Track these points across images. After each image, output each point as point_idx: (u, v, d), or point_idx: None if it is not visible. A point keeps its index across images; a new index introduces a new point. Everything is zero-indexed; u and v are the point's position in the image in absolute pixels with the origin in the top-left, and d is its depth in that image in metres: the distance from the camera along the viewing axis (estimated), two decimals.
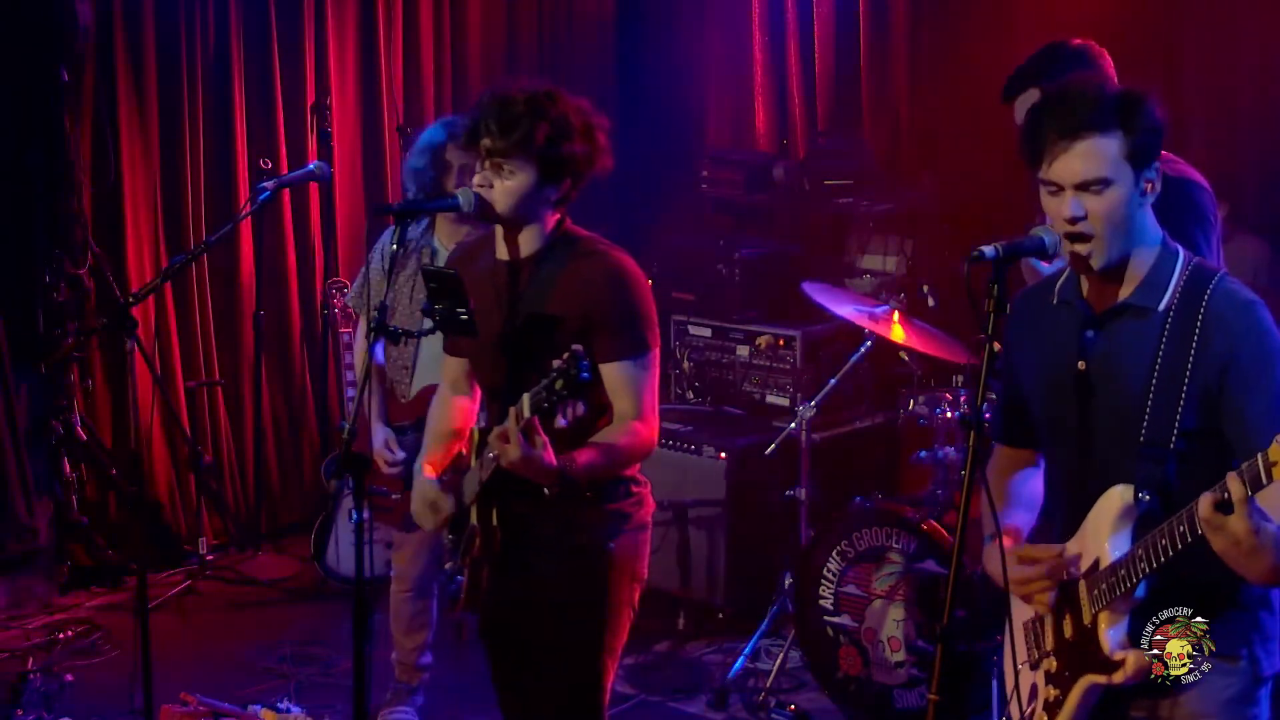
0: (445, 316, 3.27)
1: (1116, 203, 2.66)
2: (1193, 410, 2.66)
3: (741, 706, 5.08)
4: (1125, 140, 2.65)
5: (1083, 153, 2.65)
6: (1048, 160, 2.68)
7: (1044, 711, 2.87)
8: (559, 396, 2.98)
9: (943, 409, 5.06)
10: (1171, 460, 2.68)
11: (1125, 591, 2.68)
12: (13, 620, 5.82)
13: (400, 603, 4.81)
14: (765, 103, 7.37)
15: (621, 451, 3.30)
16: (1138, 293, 2.74)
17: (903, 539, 4.81)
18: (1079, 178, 2.65)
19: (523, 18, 7.80)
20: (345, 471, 3.16)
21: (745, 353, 6.13)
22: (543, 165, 3.26)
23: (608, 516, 3.38)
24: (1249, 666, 2.76)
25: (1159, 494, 2.69)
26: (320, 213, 7.10)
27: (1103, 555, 2.74)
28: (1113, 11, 5.98)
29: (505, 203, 3.29)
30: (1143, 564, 2.63)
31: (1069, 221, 2.68)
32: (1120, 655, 2.70)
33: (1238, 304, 2.68)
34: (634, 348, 3.31)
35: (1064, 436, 2.85)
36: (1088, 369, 2.78)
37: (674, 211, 7.38)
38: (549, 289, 3.31)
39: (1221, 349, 2.64)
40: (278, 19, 6.86)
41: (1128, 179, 2.67)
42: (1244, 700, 2.77)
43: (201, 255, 6.24)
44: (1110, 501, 2.74)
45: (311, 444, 7.12)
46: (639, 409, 3.31)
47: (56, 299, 6.16)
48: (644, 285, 3.36)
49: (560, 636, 3.40)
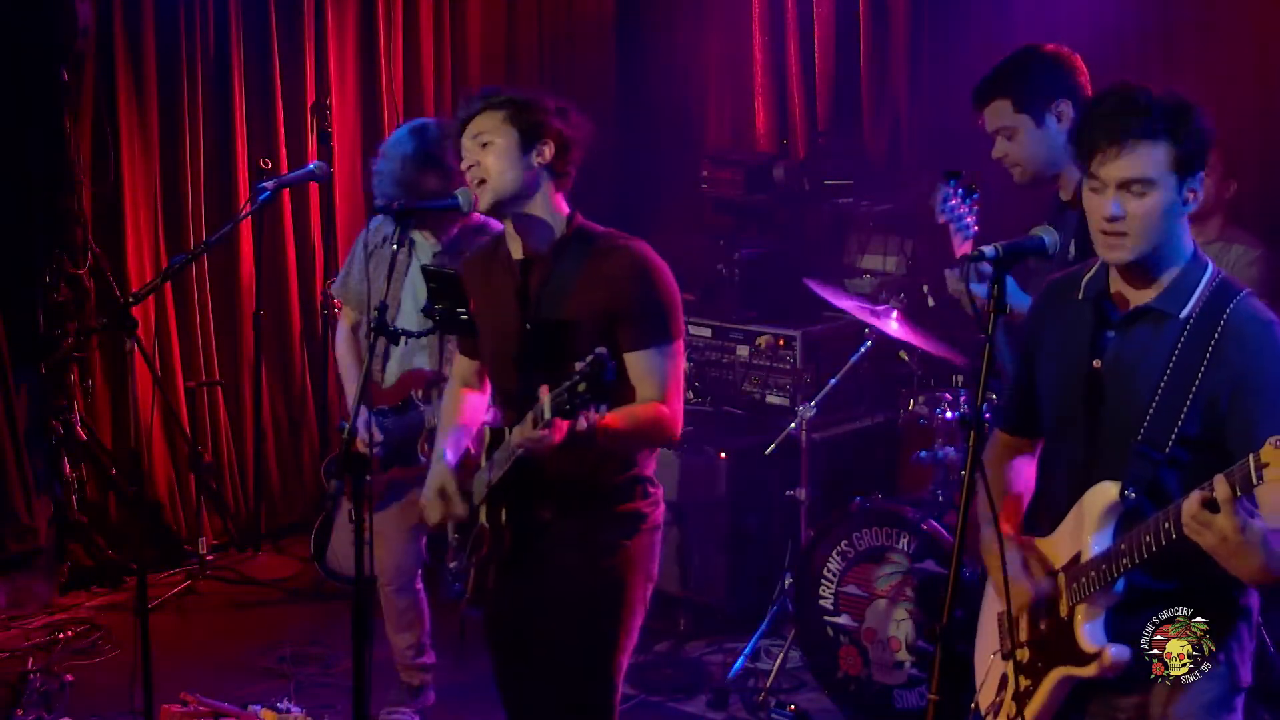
0: (445, 316, 3.27)
1: (1156, 206, 2.70)
2: (1195, 419, 2.68)
3: (741, 706, 5.08)
4: (1172, 148, 2.69)
5: (1129, 158, 2.69)
6: (1097, 160, 2.72)
7: (1013, 701, 2.89)
8: (582, 399, 2.96)
9: (943, 409, 5.06)
10: (1165, 464, 2.70)
11: (1104, 586, 2.72)
12: (13, 620, 5.82)
13: (384, 599, 4.80)
14: (765, 103, 7.37)
15: (645, 422, 3.27)
16: (1161, 298, 2.77)
17: (903, 539, 4.81)
18: (1123, 176, 2.69)
19: (523, 18, 7.79)
20: (345, 471, 3.16)
21: (745, 353, 6.12)
22: (518, 123, 3.28)
23: (625, 516, 3.40)
24: (1228, 672, 2.79)
25: (1147, 494, 2.71)
26: (320, 213, 7.10)
27: (1084, 549, 2.77)
28: (1112, 11, 5.98)
29: (496, 171, 3.29)
30: (1124, 559, 2.67)
31: (1107, 219, 2.71)
32: (1095, 649, 2.73)
33: (1258, 322, 2.72)
34: (659, 336, 3.31)
35: (1071, 431, 2.87)
36: (1102, 368, 2.81)
37: (674, 211, 7.38)
38: (568, 289, 3.30)
39: (1236, 364, 2.67)
40: (278, 19, 6.86)
41: (1171, 185, 2.70)
42: (1223, 705, 2.79)
43: (201, 255, 6.24)
44: (1095, 497, 2.77)
45: (311, 444, 7.12)
46: (664, 395, 3.30)
47: (56, 299, 6.16)
48: (668, 275, 3.36)
49: (576, 636, 3.40)
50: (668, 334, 3.32)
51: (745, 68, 7.40)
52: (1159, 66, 5.87)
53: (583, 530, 3.37)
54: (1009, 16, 6.29)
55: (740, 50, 7.43)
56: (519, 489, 3.32)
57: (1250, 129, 5.70)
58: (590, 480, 3.35)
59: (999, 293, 2.70)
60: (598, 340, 3.15)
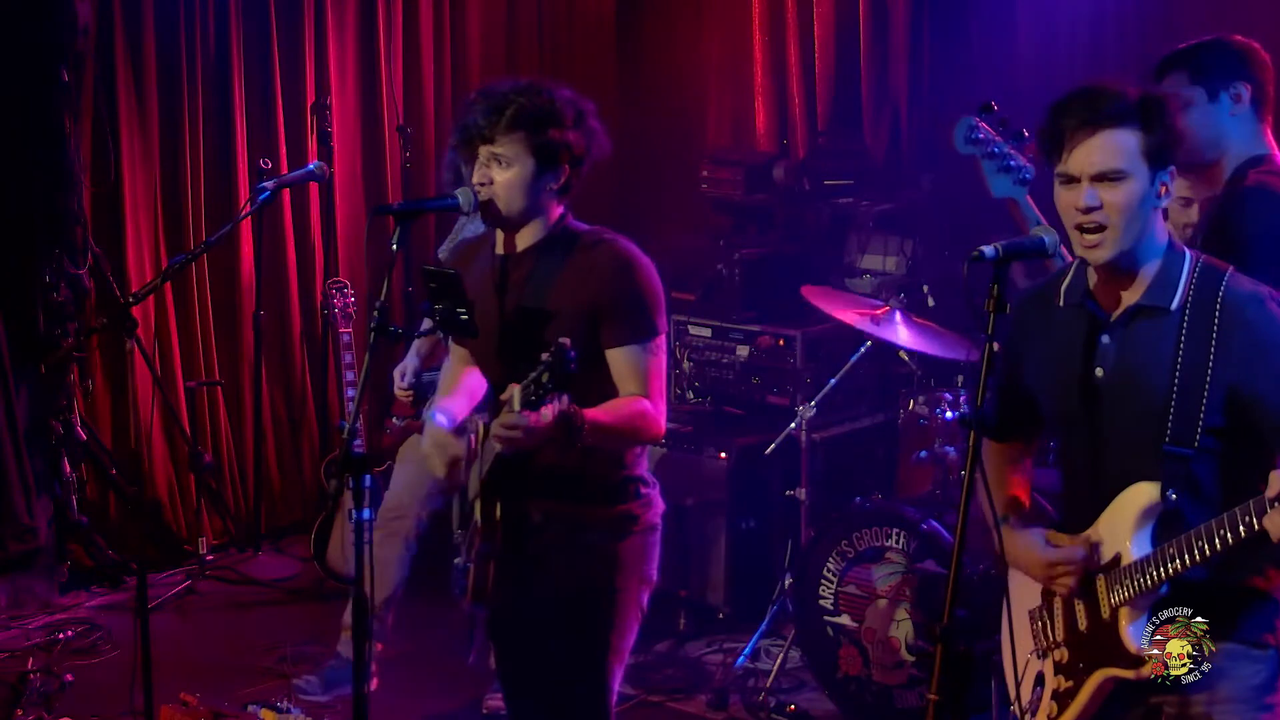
0: (445, 316, 3.26)
1: (1132, 196, 2.67)
2: (1217, 409, 2.67)
3: (741, 706, 5.08)
4: (1144, 137, 2.67)
5: (1101, 144, 2.66)
6: (1066, 151, 2.69)
7: (1053, 701, 2.87)
8: (545, 389, 2.96)
9: (943, 409, 5.06)
10: (1197, 459, 2.68)
11: (1150, 588, 2.69)
12: (13, 620, 5.82)
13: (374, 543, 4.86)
14: (765, 103, 7.37)
15: (629, 417, 3.25)
16: (1148, 294, 2.74)
17: (903, 539, 4.81)
18: (1096, 168, 2.67)
19: (523, 18, 7.79)
20: (345, 471, 3.15)
21: (745, 353, 6.12)
22: (537, 152, 3.25)
23: (616, 517, 3.37)
24: (1275, 653, 2.78)
25: (1186, 493, 2.69)
26: (320, 213, 7.09)
27: (1124, 551, 2.74)
28: (1113, 11, 5.98)
29: (507, 197, 3.28)
30: (1174, 563, 2.64)
31: (1083, 211, 2.68)
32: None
33: (1255, 300, 2.69)
34: (641, 332, 3.29)
35: (1078, 436, 2.86)
36: (1106, 375, 2.78)
37: (674, 211, 7.38)
38: (550, 283, 3.30)
39: (1244, 348, 2.66)
40: (278, 19, 6.86)
41: (1144, 176, 2.68)
42: (1267, 686, 2.78)
43: (201, 255, 6.23)
44: (1133, 497, 2.74)
45: (311, 444, 7.12)
46: (647, 390, 3.28)
47: (56, 299, 6.15)
48: (651, 271, 3.34)
49: (568, 638, 3.39)
50: (650, 330, 3.30)
51: (745, 68, 7.40)
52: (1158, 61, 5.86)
53: (572, 533, 3.35)
54: (1009, 16, 6.29)
55: (740, 50, 7.42)
56: (511, 487, 3.31)
57: None
58: (579, 479, 3.33)
59: (999, 293, 2.68)
60: (583, 334, 3.16)
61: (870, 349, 5.30)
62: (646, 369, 3.29)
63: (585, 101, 3.36)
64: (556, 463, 3.27)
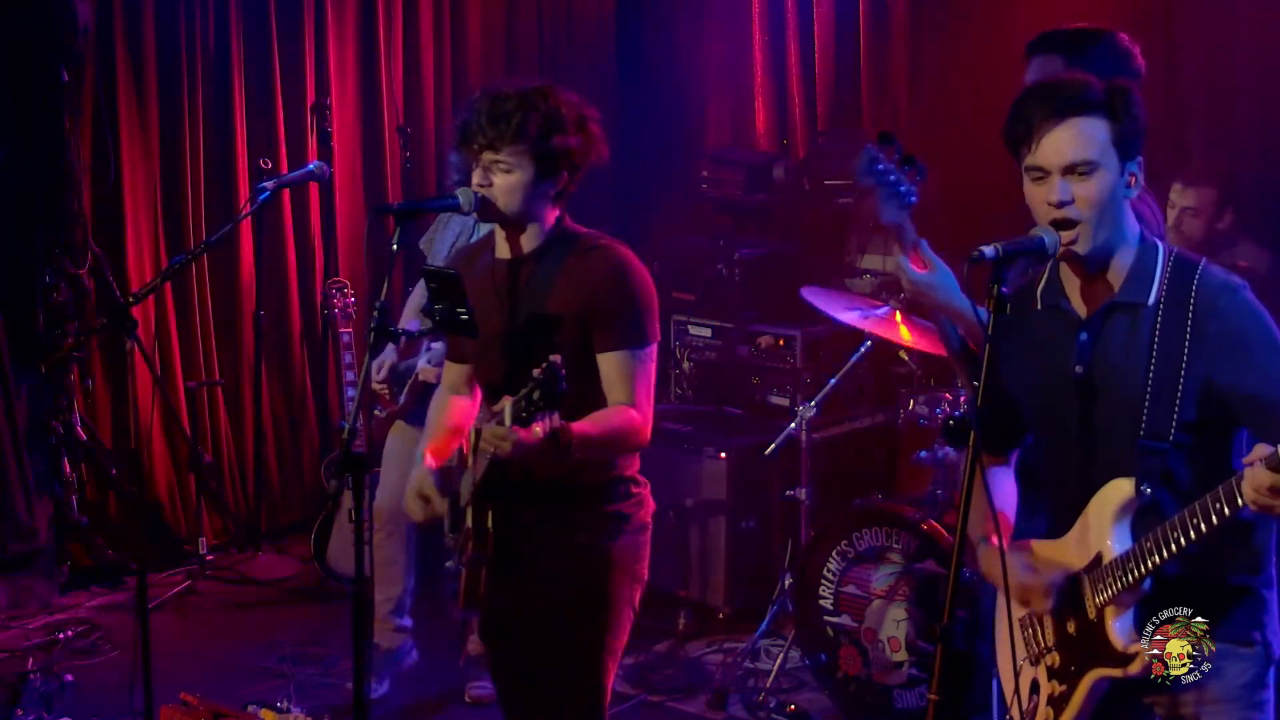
0: (445, 316, 3.26)
1: (1104, 187, 2.66)
2: (1191, 401, 2.66)
3: (741, 706, 5.08)
4: (1112, 126, 2.66)
5: (1070, 133, 2.65)
6: (1035, 141, 2.68)
7: (1049, 706, 2.87)
8: (536, 407, 2.98)
9: (943, 409, 5.06)
10: (1172, 452, 2.68)
11: (1132, 584, 2.68)
12: (13, 620, 5.82)
13: (375, 545, 4.84)
14: (765, 103, 7.37)
15: (615, 428, 3.25)
16: (1124, 290, 2.73)
17: (903, 539, 4.81)
18: (1066, 159, 2.65)
19: (523, 18, 7.79)
20: (345, 471, 3.15)
21: (745, 353, 6.12)
22: (538, 159, 3.26)
23: (607, 517, 3.38)
24: (1263, 650, 2.78)
25: (1162, 486, 2.69)
26: (320, 213, 7.10)
27: (1105, 550, 2.74)
28: (1113, 10, 5.97)
29: (506, 200, 3.29)
30: (1152, 557, 2.63)
31: (1055, 206, 2.67)
32: (1134, 648, 2.70)
33: (1229, 290, 2.69)
34: (632, 339, 3.29)
35: (1062, 437, 2.85)
36: (1086, 373, 2.77)
37: (674, 211, 7.38)
38: (549, 286, 3.31)
39: (1218, 338, 2.65)
40: (278, 19, 6.86)
41: (1114, 167, 2.67)
42: (1257, 684, 2.79)
43: (201, 255, 6.24)
44: (1110, 495, 2.74)
45: (311, 444, 7.12)
46: (634, 399, 3.28)
47: (56, 299, 6.16)
48: (645, 278, 3.35)
49: (560, 638, 3.39)
50: (640, 337, 3.31)
51: (745, 68, 7.40)
52: (1160, 66, 5.87)
53: (563, 533, 3.36)
54: (1009, 16, 6.28)
55: (740, 50, 7.42)
56: (503, 492, 3.32)
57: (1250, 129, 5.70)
58: (570, 481, 3.33)
59: (999, 293, 2.68)
60: (579, 339, 3.17)
61: (870, 349, 5.30)
62: (634, 377, 3.29)
63: (589, 107, 3.37)
64: (548, 470, 3.27)
